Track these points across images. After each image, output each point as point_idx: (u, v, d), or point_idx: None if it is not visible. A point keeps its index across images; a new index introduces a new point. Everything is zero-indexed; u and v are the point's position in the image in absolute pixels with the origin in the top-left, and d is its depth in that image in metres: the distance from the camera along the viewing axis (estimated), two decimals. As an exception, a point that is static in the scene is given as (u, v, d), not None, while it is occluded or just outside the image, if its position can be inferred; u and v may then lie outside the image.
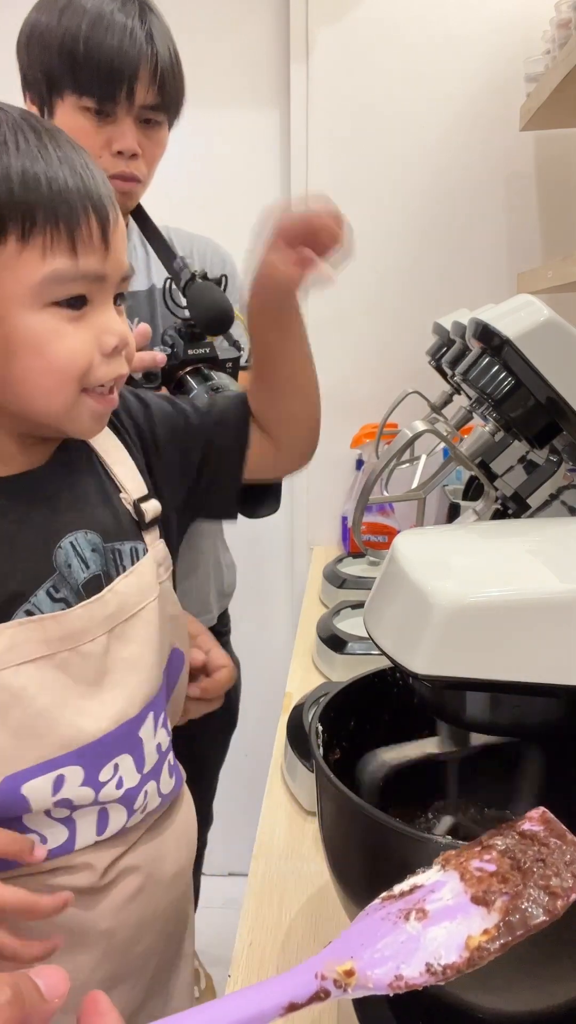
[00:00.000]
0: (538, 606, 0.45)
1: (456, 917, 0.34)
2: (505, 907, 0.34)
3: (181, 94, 1.06)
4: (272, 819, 0.88)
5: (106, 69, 0.95)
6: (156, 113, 1.02)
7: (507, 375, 0.64)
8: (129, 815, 0.65)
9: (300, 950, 0.69)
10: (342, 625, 1.26)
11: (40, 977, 0.33)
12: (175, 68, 1.02)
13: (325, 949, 0.35)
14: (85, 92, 0.96)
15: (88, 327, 0.59)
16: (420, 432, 0.71)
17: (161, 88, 0.99)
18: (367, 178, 1.76)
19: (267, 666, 1.50)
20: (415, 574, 0.48)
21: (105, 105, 0.97)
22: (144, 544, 0.70)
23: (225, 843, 1.56)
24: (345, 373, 1.85)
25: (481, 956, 0.33)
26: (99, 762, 0.62)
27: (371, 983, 0.33)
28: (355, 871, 0.52)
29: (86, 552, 0.64)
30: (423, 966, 0.33)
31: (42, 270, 0.56)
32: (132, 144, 1.00)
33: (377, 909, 0.36)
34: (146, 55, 0.96)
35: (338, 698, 0.60)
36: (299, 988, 0.33)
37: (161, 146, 1.07)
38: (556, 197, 1.74)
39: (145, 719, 0.66)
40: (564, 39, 1.37)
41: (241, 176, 1.80)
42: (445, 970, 0.32)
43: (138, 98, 0.98)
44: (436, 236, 1.77)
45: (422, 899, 0.35)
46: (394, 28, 1.70)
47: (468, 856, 0.37)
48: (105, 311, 0.60)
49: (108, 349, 0.60)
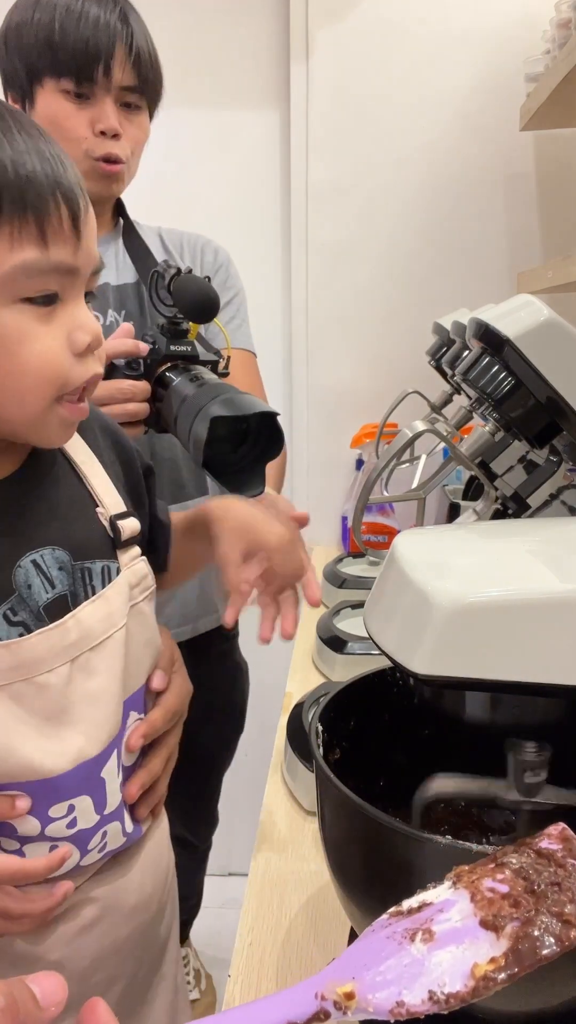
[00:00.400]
0: (538, 606, 0.45)
1: (463, 941, 0.33)
2: (515, 934, 0.32)
3: (159, 81, 1.07)
4: (272, 819, 0.88)
5: (82, 47, 0.97)
6: (134, 96, 1.03)
7: (507, 375, 0.64)
8: (83, 855, 0.62)
9: (300, 950, 0.69)
10: (342, 625, 1.26)
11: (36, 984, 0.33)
12: (151, 53, 1.03)
13: (327, 967, 0.34)
14: (63, 74, 0.98)
15: (59, 325, 0.55)
16: (420, 432, 0.71)
17: (137, 68, 1.01)
18: (367, 178, 1.76)
19: (267, 666, 1.50)
20: (415, 574, 0.48)
21: (84, 85, 0.99)
22: (118, 564, 0.65)
23: (225, 843, 1.56)
24: (345, 373, 1.85)
25: (487, 986, 0.31)
26: (50, 800, 0.59)
27: (371, 1007, 0.31)
28: (355, 871, 0.52)
29: (52, 571, 0.60)
30: (426, 993, 0.31)
31: (10, 260, 0.52)
32: (113, 123, 1.01)
33: (383, 926, 0.35)
34: (121, 35, 0.98)
35: (338, 698, 0.60)
36: (299, 1007, 0.32)
37: (144, 131, 1.08)
38: (556, 197, 1.74)
39: (108, 759, 0.63)
40: (564, 39, 1.37)
41: (241, 176, 1.81)
42: (448, 999, 0.31)
43: (115, 77, 1.00)
44: (436, 236, 1.77)
45: (430, 919, 0.34)
46: (394, 28, 1.70)
47: (481, 874, 0.36)
48: (76, 307, 0.56)
49: (81, 348, 0.56)
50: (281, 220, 1.82)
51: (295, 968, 0.67)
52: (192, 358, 0.94)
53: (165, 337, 0.93)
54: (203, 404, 0.81)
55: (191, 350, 0.94)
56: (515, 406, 0.64)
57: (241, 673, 1.41)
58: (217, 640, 1.31)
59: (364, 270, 1.81)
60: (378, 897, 0.50)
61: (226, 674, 1.36)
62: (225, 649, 1.35)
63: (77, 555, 0.62)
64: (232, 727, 1.42)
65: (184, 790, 1.46)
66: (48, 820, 0.59)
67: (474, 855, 0.44)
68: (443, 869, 0.45)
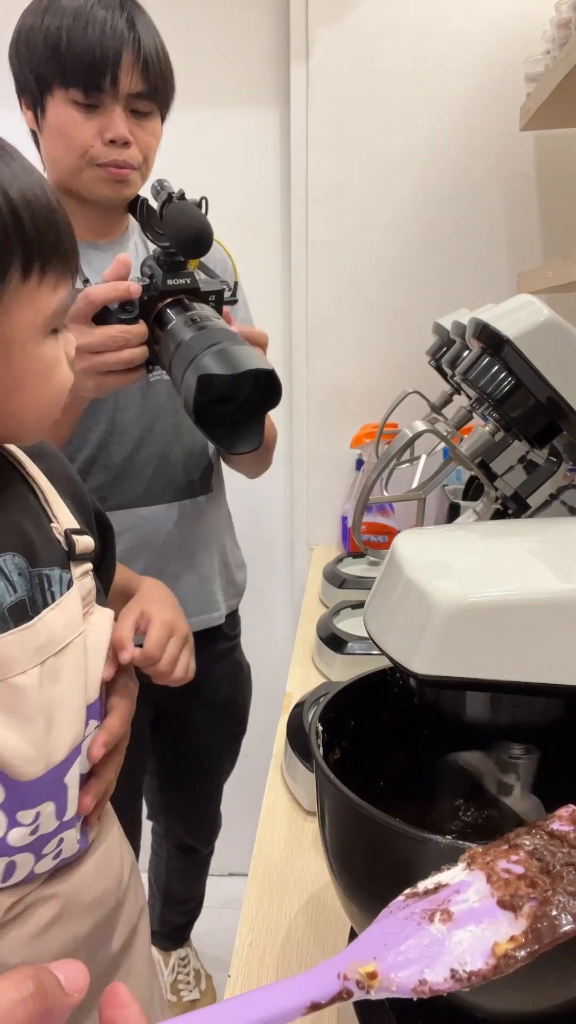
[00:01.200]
0: (538, 606, 0.45)
1: (482, 921, 0.33)
2: (533, 913, 0.33)
3: (170, 84, 1.06)
4: (272, 819, 0.88)
5: (89, 57, 0.96)
6: (144, 102, 1.02)
7: (507, 375, 0.64)
8: (37, 860, 0.62)
9: (300, 950, 0.69)
10: (342, 625, 1.26)
11: (60, 971, 0.33)
12: (160, 56, 1.02)
13: (348, 948, 0.34)
14: (71, 83, 0.98)
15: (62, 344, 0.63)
16: (420, 432, 0.70)
17: (146, 74, 1.00)
18: (367, 178, 1.76)
19: (267, 666, 1.50)
20: (415, 574, 0.48)
21: (91, 95, 0.99)
22: (71, 575, 0.66)
23: (225, 843, 1.56)
24: (345, 373, 1.85)
25: (508, 964, 0.31)
26: (19, 805, 0.59)
27: (394, 986, 0.32)
28: (355, 871, 0.52)
29: (12, 575, 0.61)
30: (448, 972, 0.31)
31: (54, 302, 0.59)
32: (123, 131, 1.00)
33: (401, 907, 0.35)
34: (128, 41, 0.97)
35: (338, 698, 0.60)
36: (322, 987, 0.32)
37: (155, 136, 1.07)
38: (556, 197, 1.74)
39: (71, 764, 0.63)
40: (564, 39, 1.37)
41: (241, 176, 1.81)
42: (470, 977, 0.31)
43: (123, 85, 0.99)
44: (436, 236, 1.77)
45: (447, 899, 0.34)
46: (394, 28, 1.70)
47: (495, 856, 0.36)
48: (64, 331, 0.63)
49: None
50: (281, 220, 1.82)
51: (295, 968, 0.67)
52: (193, 291, 0.88)
53: (162, 270, 0.87)
54: (196, 354, 0.78)
55: (191, 282, 0.88)
56: (515, 406, 0.64)
57: (243, 674, 1.41)
58: (219, 640, 1.31)
59: (364, 270, 1.81)
60: (378, 897, 0.50)
61: (228, 675, 1.36)
62: (227, 649, 1.35)
63: (34, 562, 0.63)
64: (234, 728, 1.42)
65: (186, 794, 1.47)
66: (14, 824, 0.59)
67: (474, 855, 0.44)
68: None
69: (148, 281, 0.87)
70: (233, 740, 1.43)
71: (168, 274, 0.87)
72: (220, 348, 0.77)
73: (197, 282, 0.89)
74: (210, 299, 0.90)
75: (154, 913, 1.63)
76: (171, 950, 1.66)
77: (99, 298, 0.85)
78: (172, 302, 0.87)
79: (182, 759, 1.37)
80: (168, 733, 1.32)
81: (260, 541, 1.93)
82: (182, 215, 0.86)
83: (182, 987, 1.64)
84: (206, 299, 0.91)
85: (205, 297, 0.90)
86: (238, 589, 1.34)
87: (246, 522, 1.42)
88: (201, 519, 1.23)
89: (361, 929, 0.55)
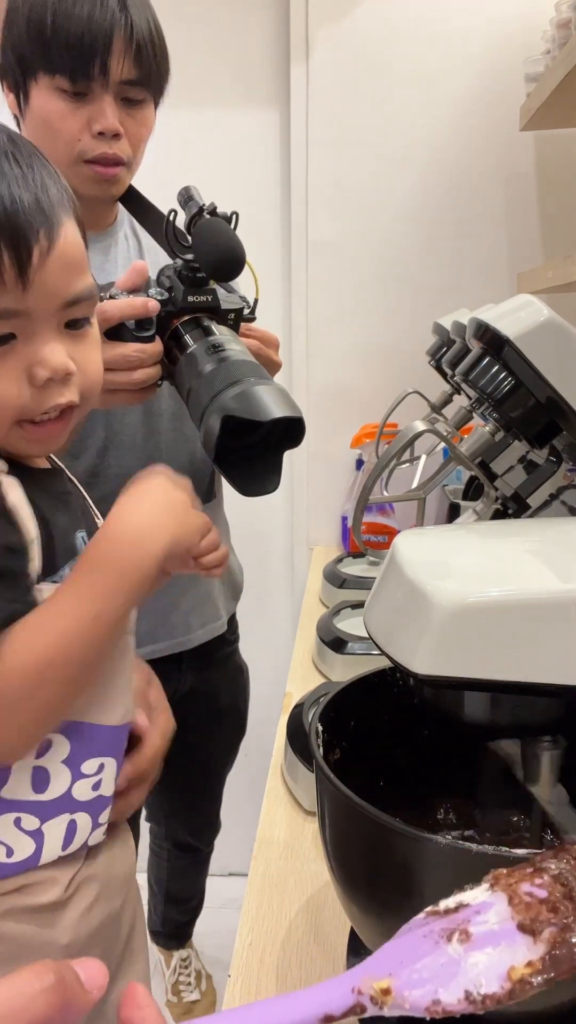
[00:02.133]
0: (538, 606, 0.45)
1: (500, 944, 0.32)
2: (552, 939, 0.32)
3: (164, 68, 0.98)
4: (272, 819, 0.88)
5: (76, 43, 0.88)
6: (136, 90, 0.94)
7: (507, 375, 0.64)
8: (93, 827, 0.64)
9: (300, 950, 0.69)
10: (342, 625, 1.26)
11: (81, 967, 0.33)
12: (154, 38, 0.94)
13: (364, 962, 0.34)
14: (57, 71, 0.89)
15: (16, 362, 0.55)
16: (420, 432, 0.70)
17: (139, 60, 0.92)
18: (367, 178, 1.77)
19: (267, 666, 1.50)
20: (415, 574, 0.48)
21: (79, 83, 0.90)
22: None
23: (225, 843, 1.56)
24: (345, 373, 1.85)
25: (523, 989, 0.31)
26: (86, 753, 0.61)
27: (407, 1004, 0.31)
28: (355, 871, 0.52)
29: None
30: (462, 993, 0.31)
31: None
32: (112, 123, 0.93)
33: (420, 925, 0.35)
34: (119, 24, 0.89)
35: (338, 698, 0.60)
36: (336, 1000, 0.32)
37: (146, 126, 0.99)
38: (556, 197, 1.74)
39: (126, 733, 0.66)
40: (564, 39, 1.37)
41: (241, 176, 1.81)
42: (484, 1000, 0.31)
43: (114, 73, 0.91)
44: (436, 236, 1.77)
45: (467, 920, 0.34)
46: (394, 28, 1.70)
47: (519, 878, 0.35)
48: (38, 342, 0.56)
49: (39, 382, 0.56)
50: (281, 220, 1.82)
51: (295, 968, 0.67)
52: (213, 309, 0.84)
53: (183, 285, 0.82)
54: (218, 391, 0.74)
55: (211, 300, 0.83)
56: (515, 406, 0.64)
57: (243, 676, 1.41)
58: (220, 645, 1.30)
59: (364, 270, 1.81)
60: (378, 897, 0.51)
61: (229, 679, 1.36)
62: (227, 653, 1.35)
63: None
64: (235, 731, 1.41)
65: (187, 794, 1.46)
66: (78, 776, 0.61)
67: (474, 855, 0.44)
68: (443, 869, 0.45)
69: (167, 295, 0.82)
70: (234, 742, 1.42)
71: (189, 290, 0.82)
72: (242, 390, 0.73)
73: (218, 299, 0.85)
74: (229, 317, 0.86)
75: (156, 913, 1.63)
76: (173, 950, 1.66)
77: (115, 315, 0.79)
78: (190, 320, 0.83)
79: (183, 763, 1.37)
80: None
81: (260, 541, 1.93)
82: (215, 235, 0.80)
83: (183, 988, 1.64)
84: (225, 318, 0.86)
85: (224, 316, 0.86)
86: (237, 593, 1.33)
87: (246, 522, 1.41)
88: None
89: (361, 929, 0.55)
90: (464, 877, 0.45)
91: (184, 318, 0.82)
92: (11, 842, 0.59)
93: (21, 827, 0.60)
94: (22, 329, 0.55)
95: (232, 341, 0.82)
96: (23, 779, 0.59)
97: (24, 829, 0.60)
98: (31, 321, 0.55)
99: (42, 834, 0.60)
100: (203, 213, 0.79)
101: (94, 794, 0.62)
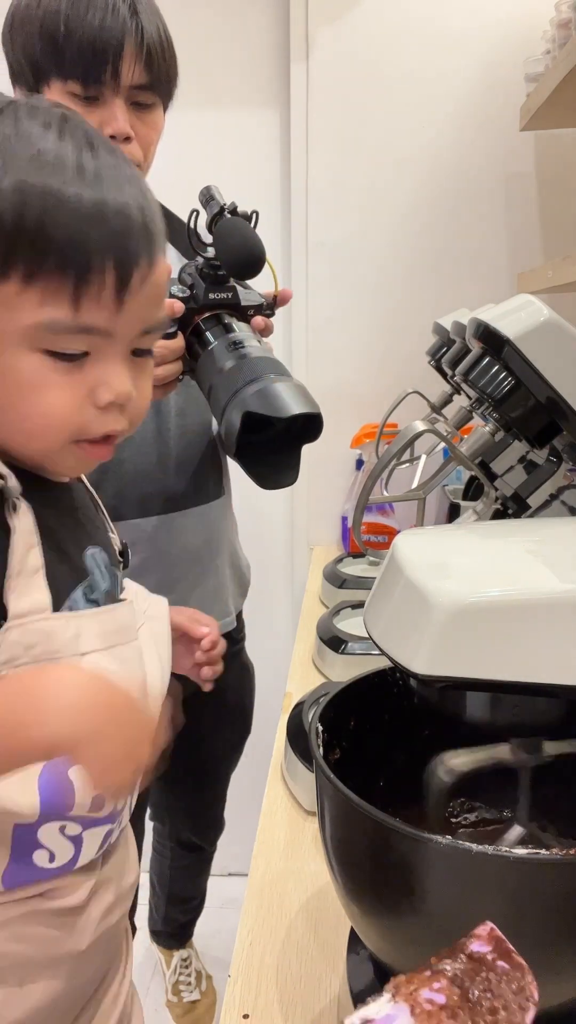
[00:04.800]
0: (538, 606, 0.45)
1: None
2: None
3: (173, 72, 1.00)
4: (272, 819, 0.88)
5: (88, 48, 0.90)
6: (146, 94, 0.96)
7: (507, 375, 0.64)
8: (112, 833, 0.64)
9: (300, 950, 0.69)
10: (342, 625, 1.26)
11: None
12: (164, 44, 0.96)
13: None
14: (69, 75, 0.91)
15: (83, 379, 0.54)
16: (420, 432, 0.70)
17: (149, 65, 0.94)
18: (367, 178, 1.77)
19: (267, 666, 1.50)
20: (415, 574, 0.48)
21: (91, 88, 0.92)
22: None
23: (225, 843, 1.56)
24: (345, 373, 1.85)
25: None
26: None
27: None
28: (355, 871, 0.52)
29: (103, 566, 0.64)
30: None
31: (36, 316, 0.51)
32: (124, 127, 0.94)
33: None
34: (130, 30, 0.91)
35: (338, 698, 0.60)
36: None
37: (156, 129, 1.01)
38: (556, 197, 1.74)
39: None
40: (564, 39, 1.37)
41: (241, 176, 1.80)
42: None
43: (124, 77, 0.93)
44: (436, 236, 1.77)
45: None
46: (394, 28, 1.70)
47: (418, 984, 0.37)
48: (108, 364, 0.55)
49: (101, 404, 0.55)
50: (281, 220, 1.82)
51: (295, 968, 0.67)
52: (234, 306, 0.85)
53: (204, 283, 0.83)
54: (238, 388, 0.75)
55: (232, 297, 0.85)
56: (515, 406, 0.64)
57: (249, 675, 1.41)
58: (229, 644, 1.30)
59: (364, 270, 1.81)
60: (378, 897, 0.51)
61: (236, 677, 1.35)
62: (234, 652, 1.34)
63: (112, 560, 0.66)
64: (240, 729, 1.42)
65: (192, 793, 1.46)
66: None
67: (474, 855, 0.44)
68: (443, 869, 0.45)
69: (189, 292, 0.84)
70: (239, 740, 1.42)
71: (211, 288, 0.83)
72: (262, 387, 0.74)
73: (239, 296, 0.86)
74: (249, 313, 0.88)
75: (158, 912, 1.63)
76: (175, 950, 1.66)
77: None
78: (211, 316, 0.84)
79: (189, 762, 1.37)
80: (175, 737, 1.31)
81: (260, 541, 1.93)
82: (236, 234, 0.81)
83: (183, 988, 1.64)
84: (245, 314, 0.88)
85: (244, 312, 0.87)
86: (244, 589, 1.32)
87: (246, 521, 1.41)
88: (215, 524, 1.19)
89: (361, 929, 0.55)
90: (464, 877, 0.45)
91: (205, 315, 0.84)
92: (55, 848, 0.58)
93: (64, 833, 0.59)
94: (98, 348, 0.54)
95: (252, 338, 0.84)
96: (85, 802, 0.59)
97: (67, 835, 0.59)
98: (110, 343, 0.54)
99: (82, 840, 0.60)
100: (224, 212, 0.81)
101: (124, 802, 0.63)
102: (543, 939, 0.45)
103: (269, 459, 0.80)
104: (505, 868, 0.43)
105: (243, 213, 0.84)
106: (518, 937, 0.45)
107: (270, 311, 0.91)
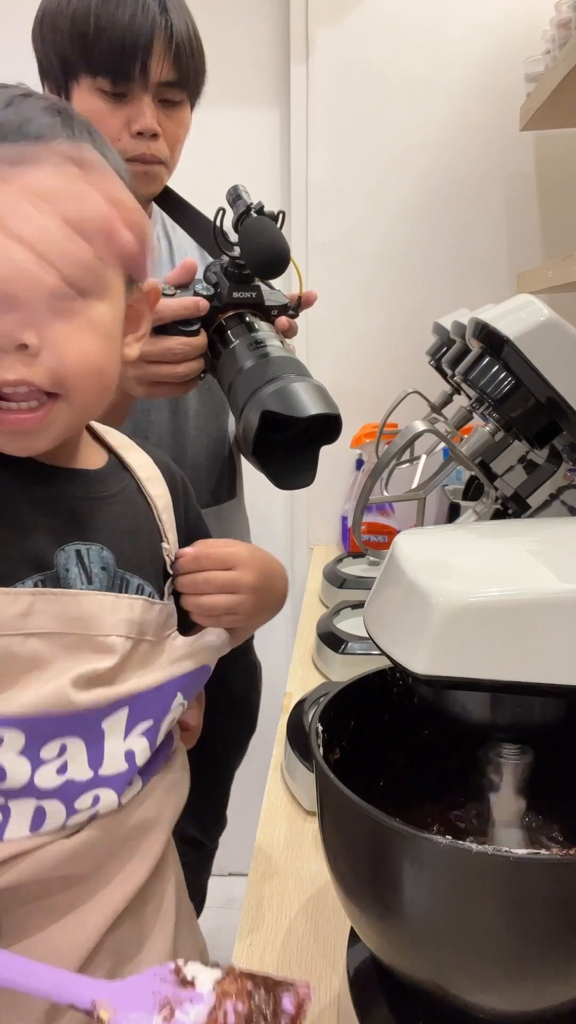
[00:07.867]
0: (538, 606, 0.45)
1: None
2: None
3: (201, 70, 1.02)
4: (272, 819, 0.88)
5: (118, 45, 0.91)
6: (174, 91, 0.98)
7: (507, 375, 0.64)
8: (69, 814, 0.58)
9: (300, 950, 0.69)
10: (342, 625, 1.26)
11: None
12: (192, 42, 0.97)
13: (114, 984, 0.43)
14: (99, 72, 0.93)
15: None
16: (420, 432, 0.70)
17: (177, 62, 0.95)
18: (367, 178, 1.77)
19: (267, 666, 1.50)
20: (415, 574, 0.48)
21: (120, 84, 0.94)
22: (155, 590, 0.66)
23: (225, 843, 1.56)
24: (345, 373, 1.85)
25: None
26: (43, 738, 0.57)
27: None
28: (355, 871, 0.52)
29: (94, 567, 0.61)
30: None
31: None
32: (151, 123, 0.96)
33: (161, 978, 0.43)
34: (160, 27, 0.92)
35: (338, 698, 0.60)
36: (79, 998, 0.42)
37: (184, 127, 1.03)
38: (556, 197, 1.74)
39: (114, 712, 0.61)
40: (564, 39, 1.37)
41: (241, 176, 1.80)
42: None
43: (153, 74, 0.94)
44: (436, 236, 1.77)
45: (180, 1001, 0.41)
46: (394, 28, 1.70)
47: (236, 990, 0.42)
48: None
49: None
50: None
51: (295, 968, 0.67)
52: (257, 305, 0.86)
53: (228, 281, 0.84)
54: (257, 387, 0.76)
55: (256, 296, 0.86)
56: (515, 406, 0.64)
57: (256, 672, 1.41)
58: None
59: (364, 270, 1.81)
60: (378, 897, 0.51)
61: (243, 674, 1.36)
62: (243, 648, 1.34)
63: (122, 564, 0.63)
64: (247, 726, 1.42)
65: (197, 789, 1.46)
66: (39, 762, 0.57)
67: (474, 855, 0.44)
68: (443, 869, 0.45)
69: (213, 290, 0.84)
70: (245, 737, 1.42)
71: (235, 286, 0.84)
72: (281, 386, 0.75)
73: (262, 296, 0.87)
74: (273, 313, 0.89)
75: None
76: (174, 949, 1.66)
77: (169, 316, 0.82)
78: (234, 315, 0.85)
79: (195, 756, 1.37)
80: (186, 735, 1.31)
81: (260, 540, 1.92)
82: (263, 235, 0.81)
83: (182, 987, 1.64)
84: (269, 314, 0.88)
85: (268, 312, 0.88)
86: None
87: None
88: (228, 525, 1.19)
89: (361, 929, 0.55)
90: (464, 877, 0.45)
91: (228, 313, 0.85)
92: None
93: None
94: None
95: (273, 338, 0.85)
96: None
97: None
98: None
99: (8, 810, 0.57)
100: (250, 211, 0.82)
101: (60, 778, 0.58)
102: (543, 939, 0.45)
103: (286, 459, 0.81)
104: (505, 868, 0.43)
105: (269, 213, 0.84)
106: (518, 937, 0.45)
107: (294, 312, 0.92)
